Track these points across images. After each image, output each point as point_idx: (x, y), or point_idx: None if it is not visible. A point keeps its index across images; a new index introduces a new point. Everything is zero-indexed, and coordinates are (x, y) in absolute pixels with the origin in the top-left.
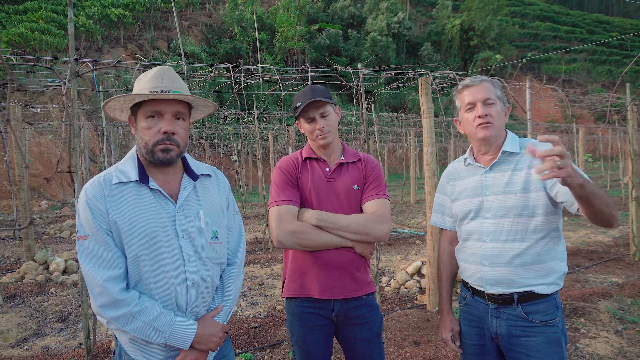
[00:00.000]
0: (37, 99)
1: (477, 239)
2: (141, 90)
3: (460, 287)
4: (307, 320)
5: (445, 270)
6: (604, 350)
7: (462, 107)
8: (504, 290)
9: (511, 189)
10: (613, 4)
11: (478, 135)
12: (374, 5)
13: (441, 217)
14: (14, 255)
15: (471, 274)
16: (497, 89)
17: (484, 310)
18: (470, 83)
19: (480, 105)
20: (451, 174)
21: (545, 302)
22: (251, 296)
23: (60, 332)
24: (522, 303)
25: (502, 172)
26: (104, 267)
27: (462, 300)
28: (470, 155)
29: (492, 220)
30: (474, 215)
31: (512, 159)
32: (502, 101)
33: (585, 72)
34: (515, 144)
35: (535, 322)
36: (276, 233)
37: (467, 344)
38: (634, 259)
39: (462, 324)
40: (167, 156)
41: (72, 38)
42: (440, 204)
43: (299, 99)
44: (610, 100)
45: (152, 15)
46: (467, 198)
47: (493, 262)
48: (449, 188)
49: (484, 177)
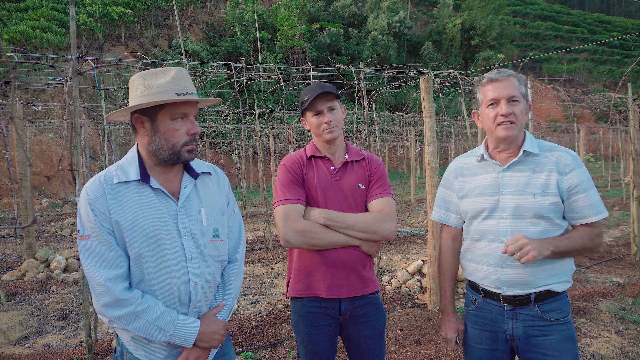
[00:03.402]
0: (38, 96)
1: (492, 239)
2: (161, 91)
3: (466, 289)
4: (313, 320)
5: (448, 268)
6: (605, 350)
7: (484, 102)
8: (522, 292)
9: (531, 190)
10: (614, 4)
11: (499, 134)
12: (375, 4)
13: (445, 212)
14: (15, 253)
15: (485, 276)
16: (522, 85)
17: (498, 312)
18: (496, 77)
19: (505, 103)
20: (460, 169)
21: (559, 299)
22: (252, 295)
23: (61, 330)
24: (538, 302)
25: (521, 172)
26: (107, 267)
27: (471, 304)
28: (485, 151)
29: (510, 220)
30: (487, 214)
31: (532, 159)
32: (525, 99)
33: (586, 72)
34: (535, 144)
35: (552, 321)
36: (283, 232)
37: (476, 349)
38: (635, 259)
39: (470, 328)
40: (192, 156)
41: (73, 36)
42: (444, 199)
43: (306, 93)
44: (612, 100)
45: (153, 13)
46: (480, 196)
47: (512, 264)
48: (457, 184)
49: (501, 175)
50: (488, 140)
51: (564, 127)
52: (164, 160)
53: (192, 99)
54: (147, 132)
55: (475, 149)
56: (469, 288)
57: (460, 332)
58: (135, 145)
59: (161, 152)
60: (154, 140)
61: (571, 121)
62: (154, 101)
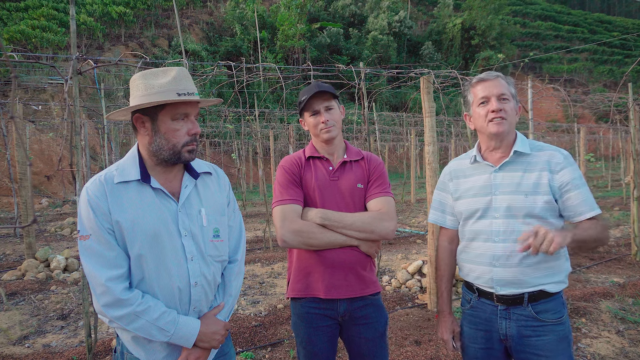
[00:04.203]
0: (37, 96)
1: (486, 239)
2: (162, 90)
3: (462, 289)
4: (312, 321)
5: (446, 270)
6: (605, 350)
7: (474, 102)
8: (515, 291)
9: (522, 189)
10: (615, 4)
11: (490, 130)
12: (375, 4)
13: (441, 214)
14: (15, 252)
15: (479, 275)
16: (512, 86)
17: (492, 312)
18: (486, 77)
19: (495, 100)
20: (454, 172)
21: (553, 300)
22: (252, 295)
23: (61, 330)
24: (532, 303)
25: (513, 172)
26: (107, 267)
27: (467, 303)
28: (477, 153)
29: (502, 220)
30: (481, 214)
31: (523, 159)
32: (515, 99)
33: (586, 72)
34: (526, 144)
35: (545, 321)
36: (281, 232)
37: (472, 348)
38: (635, 259)
39: (465, 327)
40: (192, 156)
41: (74, 35)
42: (440, 201)
43: (304, 93)
44: (613, 100)
45: (153, 13)
46: (473, 197)
47: (504, 263)
48: (451, 186)
49: (493, 176)
50: (480, 141)
51: (564, 127)
52: (164, 160)
53: (193, 99)
54: (147, 132)
55: (469, 152)
56: (465, 288)
57: (455, 334)
58: (136, 145)
59: (162, 152)
60: (155, 140)
61: (571, 121)
62: (155, 101)
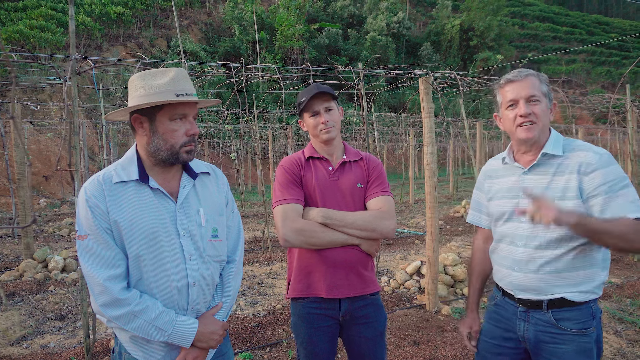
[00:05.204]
0: (36, 96)
1: (510, 242)
2: (160, 91)
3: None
4: (313, 322)
5: (475, 267)
6: (603, 350)
7: (503, 104)
8: (533, 297)
9: (550, 194)
10: (612, 5)
11: (519, 136)
12: (373, 5)
13: (478, 214)
14: (13, 253)
15: (502, 277)
16: (544, 84)
17: (513, 312)
18: (514, 78)
19: (523, 103)
20: (489, 172)
21: (578, 310)
22: (250, 295)
23: (59, 330)
24: (552, 309)
25: (542, 174)
26: (105, 267)
27: (492, 300)
28: (509, 154)
29: (528, 224)
30: (508, 217)
31: (553, 161)
32: (547, 98)
33: (584, 73)
34: (558, 145)
35: (566, 330)
36: (282, 232)
37: (486, 342)
38: (632, 260)
39: (486, 323)
40: (191, 157)
41: (72, 35)
42: (477, 201)
43: (303, 94)
44: (610, 101)
45: (151, 13)
46: (502, 199)
47: (523, 268)
48: (486, 186)
49: (522, 178)
50: (512, 143)
51: (563, 128)
52: (162, 161)
53: (191, 99)
54: (145, 133)
55: (504, 152)
56: (495, 286)
57: (474, 332)
58: (134, 145)
59: (160, 152)
60: (153, 141)
61: (569, 122)
62: (153, 102)
